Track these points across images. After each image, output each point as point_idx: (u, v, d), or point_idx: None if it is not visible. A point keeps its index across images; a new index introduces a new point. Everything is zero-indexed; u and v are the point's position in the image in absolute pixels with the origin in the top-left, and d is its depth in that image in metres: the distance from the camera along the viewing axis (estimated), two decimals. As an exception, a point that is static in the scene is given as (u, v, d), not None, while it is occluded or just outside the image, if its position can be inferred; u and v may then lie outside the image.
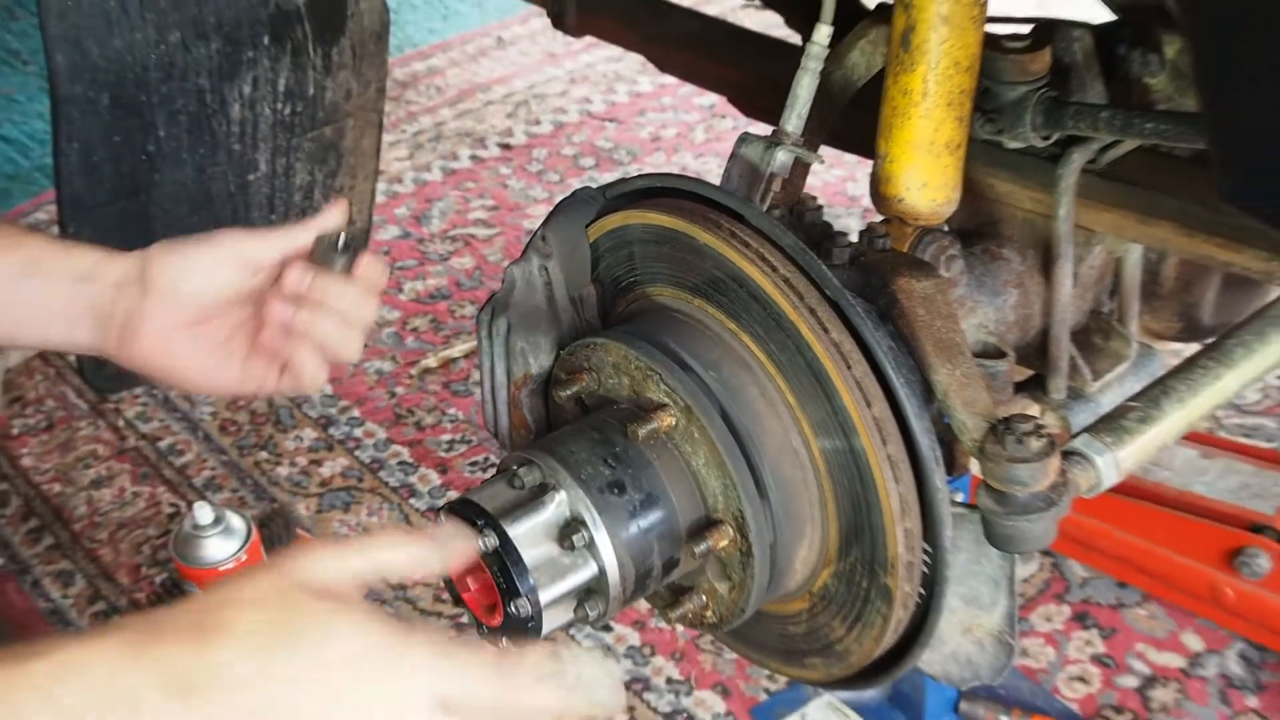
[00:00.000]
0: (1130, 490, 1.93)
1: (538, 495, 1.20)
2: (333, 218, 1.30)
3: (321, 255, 1.28)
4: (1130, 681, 1.90)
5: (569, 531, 1.19)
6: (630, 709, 1.89)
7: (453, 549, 1.12)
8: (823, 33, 1.37)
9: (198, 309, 1.30)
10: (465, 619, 1.77)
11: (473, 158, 3.13)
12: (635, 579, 1.22)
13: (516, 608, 1.19)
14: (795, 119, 1.37)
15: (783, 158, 1.36)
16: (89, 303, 1.29)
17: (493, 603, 1.21)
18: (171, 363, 1.31)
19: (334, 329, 1.29)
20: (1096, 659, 1.93)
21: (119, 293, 1.29)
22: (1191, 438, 2.02)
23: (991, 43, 1.34)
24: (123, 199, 1.62)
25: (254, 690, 0.93)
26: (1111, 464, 1.25)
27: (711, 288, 1.24)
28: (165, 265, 1.29)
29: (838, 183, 2.90)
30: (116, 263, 1.30)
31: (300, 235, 1.30)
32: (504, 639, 1.23)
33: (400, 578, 1.09)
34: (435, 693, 0.96)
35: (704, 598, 1.28)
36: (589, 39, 3.52)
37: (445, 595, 2.05)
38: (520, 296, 1.35)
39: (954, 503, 1.20)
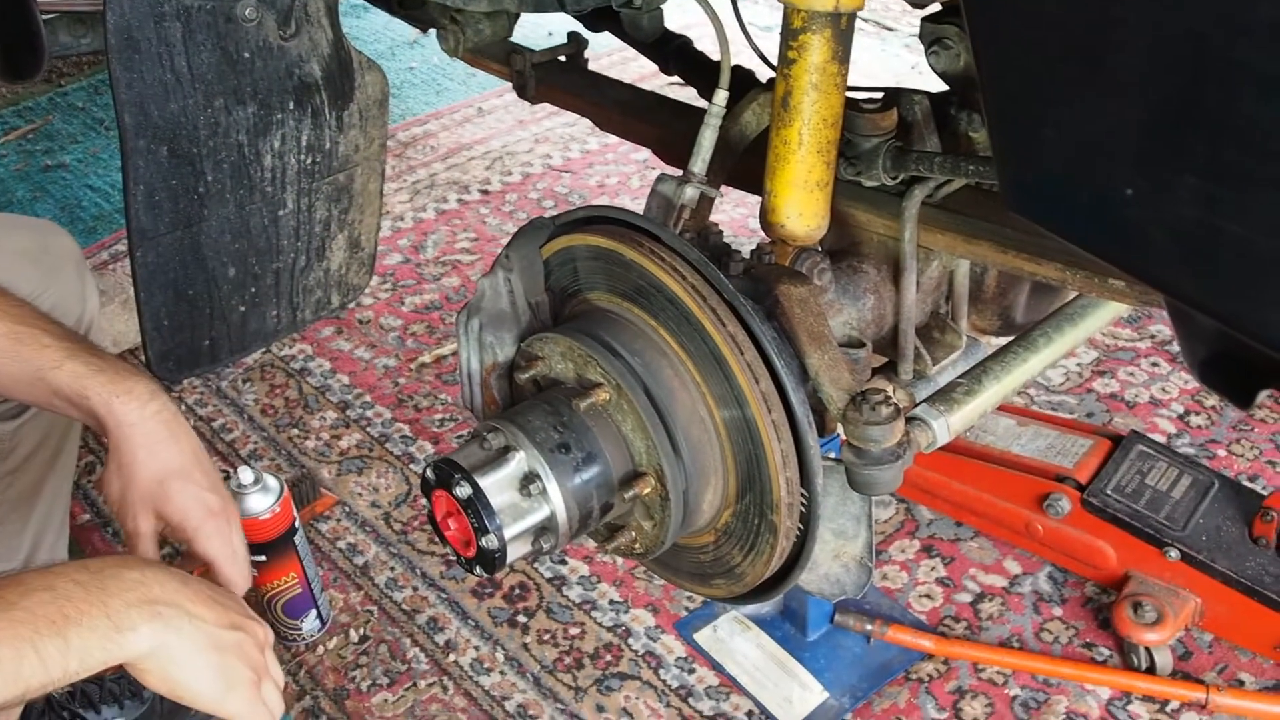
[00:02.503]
0: (964, 451, 1.94)
1: (502, 454, 1.20)
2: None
3: None
4: (965, 597, 1.91)
5: (527, 482, 1.19)
6: (580, 624, 1.89)
7: None
8: (720, 96, 1.37)
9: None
10: (452, 556, 1.76)
11: (459, 200, 3.11)
12: (579, 519, 1.22)
13: (487, 542, 1.19)
14: (700, 163, 1.37)
15: (690, 192, 1.36)
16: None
17: (468, 539, 1.21)
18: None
19: None
20: (939, 580, 1.94)
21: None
22: (1011, 410, 2.03)
23: (851, 105, 1.35)
24: (179, 229, 1.59)
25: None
26: (944, 426, 1.26)
27: (636, 293, 1.24)
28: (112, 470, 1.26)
29: (742, 219, 2.90)
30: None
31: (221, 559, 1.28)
32: (478, 566, 1.23)
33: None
34: None
35: (633, 533, 1.29)
36: (549, 110, 3.52)
37: (436, 539, 2.04)
38: (489, 302, 1.35)
39: (824, 457, 1.21)
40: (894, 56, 3.72)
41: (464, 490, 1.17)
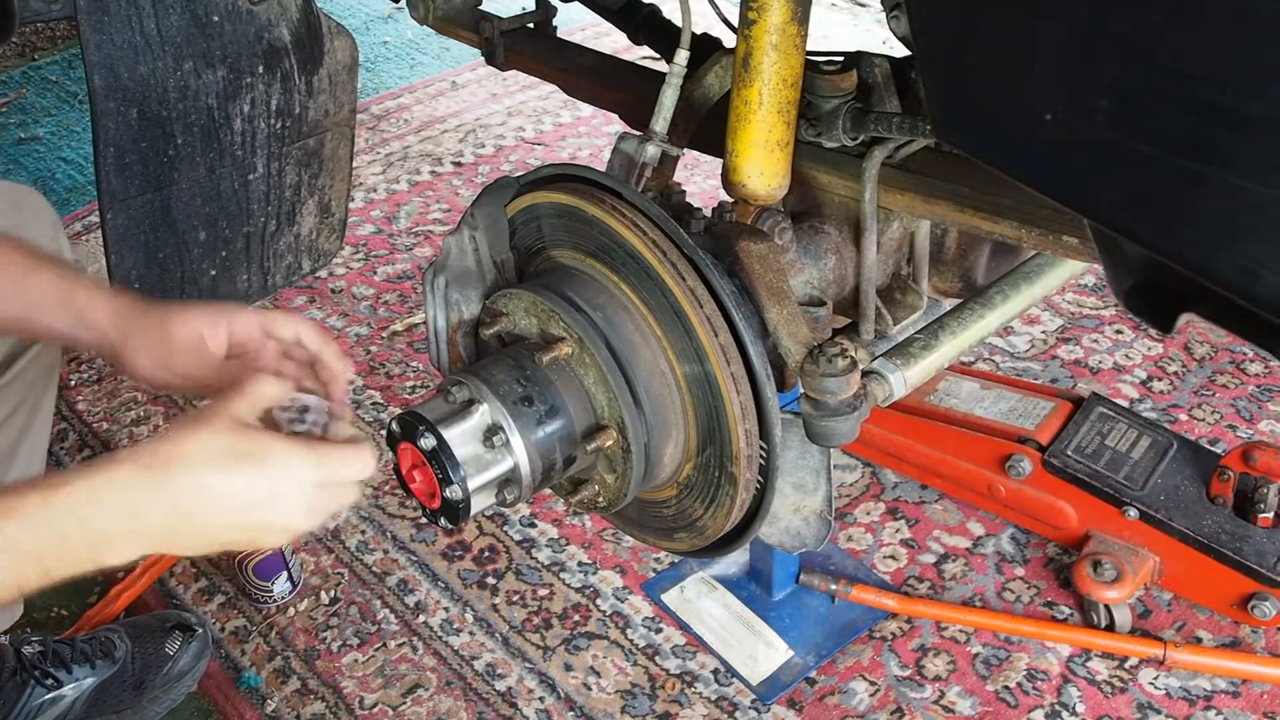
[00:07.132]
0: (928, 414, 1.97)
1: (466, 407, 1.21)
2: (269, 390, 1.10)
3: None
4: (929, 558, 1.94)
5: (490, 434, 1.20)
6: (549, 585, 1.91)
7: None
8: (681, 56, 1.39)
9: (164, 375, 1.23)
10: (424, 519, 1.78)
11: (432, 172, 3.12)
12: (542, 471, 1.24)
13: (451, 493, 1.20)
14: (662, 122, 1.38)
15: (652, 150, 1.37)
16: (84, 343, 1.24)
17: (433, 491, 1.22)
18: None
19: None
20: (904, 542, 1.97)
21: (106, 341, 1.22)
22: (975, 374, 2.06)
23: (812, 66, 1.36)
24: (149, 192, 1.61)
25: (223, 498, 0.98)
26: (901, 380, 1.28)
27: (599, 249, 1.25)
28: (140, 344, 1.20)
29: (713, 190, 2.92)
30: (108, 323, 1.21)
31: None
32: (443, 517, 1.24)
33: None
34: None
35: (596, 486, 1.30)
36: (522, 84, 3.53)
37: (409, 503, 2.06)
38: (455, 260, 1.36)
39: (783, 411, 1.23)
40: (865, 31, 3.74)
41: (428, 442, 1.18)
